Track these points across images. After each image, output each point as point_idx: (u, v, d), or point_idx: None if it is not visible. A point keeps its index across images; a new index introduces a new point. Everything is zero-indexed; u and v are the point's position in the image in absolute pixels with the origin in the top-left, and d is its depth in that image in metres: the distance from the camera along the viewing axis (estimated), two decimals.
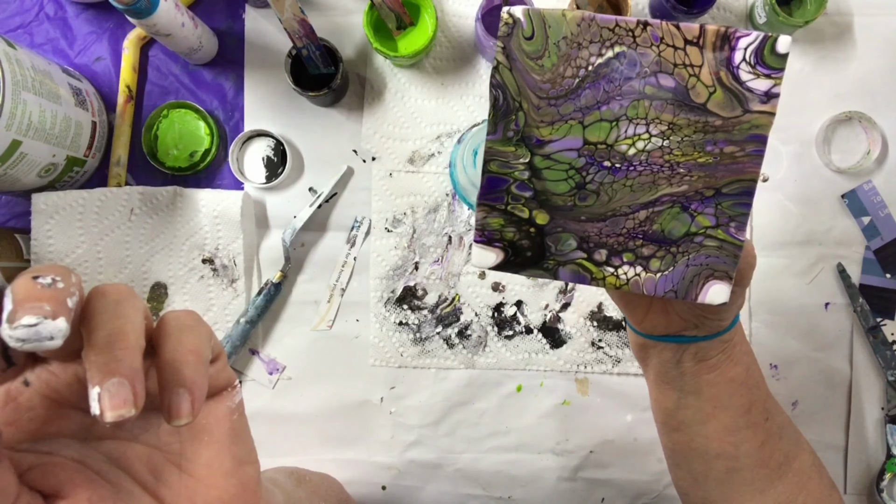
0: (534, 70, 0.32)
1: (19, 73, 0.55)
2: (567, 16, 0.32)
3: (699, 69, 0.31)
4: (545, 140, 0.33)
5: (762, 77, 0.31)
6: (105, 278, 0.66)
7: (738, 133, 0.32)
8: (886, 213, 0.67)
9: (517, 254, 0.35)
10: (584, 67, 0.32)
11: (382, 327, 0.68)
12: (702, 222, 0.33)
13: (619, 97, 0.32)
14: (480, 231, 0.35)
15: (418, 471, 0.69)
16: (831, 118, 0.67)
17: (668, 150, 0.33)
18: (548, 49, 0.32)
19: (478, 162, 0.61)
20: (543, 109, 0.33)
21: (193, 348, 0.24)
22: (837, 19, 0.69)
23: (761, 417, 0.44)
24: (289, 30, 0.60)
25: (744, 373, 0.43)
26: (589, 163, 0.33)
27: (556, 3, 0.68)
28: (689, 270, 0.34)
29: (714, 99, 0.32)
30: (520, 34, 0.32)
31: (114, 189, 0.66)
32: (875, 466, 0.67)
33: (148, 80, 0.70)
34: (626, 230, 0.34)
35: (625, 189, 0.33)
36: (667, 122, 0.32)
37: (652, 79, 0.32)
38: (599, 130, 0.33)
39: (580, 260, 0.35)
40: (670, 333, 0.42)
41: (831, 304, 0.68)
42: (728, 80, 0.31)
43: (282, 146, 0.68)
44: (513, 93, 0.33)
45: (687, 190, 0.33)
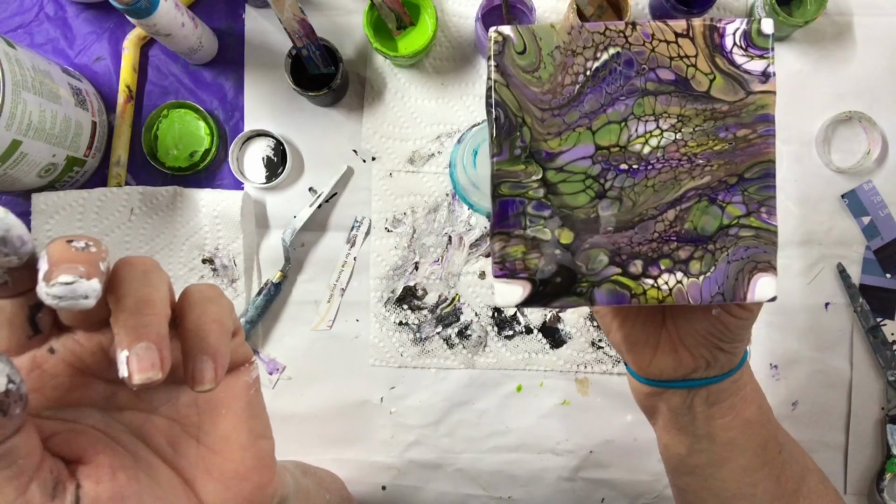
0: (531, 83, 0.32)
1: (19, 73, 0.55)
2: (556, 27, 0.31)
3: (695, 59, 0.31)
4: (555, 152, 0.32)
5: (756, 58, 0.31)
6: None
7: (747, 115, 0.32)
8: (886, 212, 0.67)
9: (546, 282, 0.32)
10: (582, 73, 0.32)
11: (382, 327, 0.68)
12: (733, 212, 0.32)
13: (622, 97, 0.32)
14: (501, 264, 0.32)
15: (418, 471, 0.69)
16: (831, 118, 0.67)
17: (682, 143, 0.32)
18: (542, 60, 0.31)
19: (479, 166, 0.61)
20: (548, 121, 0.32)
21: (217, 318, 0.25)
22: (837, 19, 0.69)
23: (775, 451, 0.42)
24: (289, 30, 0.60)
25: (757, 412, 0.41)
26: (605, 168, 0.32)
27: (556, 4, 0.68)
28: (731, 267, 0.32)
29: (716, 85, 0.32)
30: (511, 50, 0.31)
31: (114, 189, 0.66)
32: (875, 466, 0.67)
33: (148, 80, 0.70)
34: (657, 234, 0.32)
35: (648, 190, 0.32)
36: (675, 114, 0.32)
37: (651, 74, 0.31)
38: (610, 133, 0.32)
39: (615, 277, 0.32)
40: (679, 377, 0.40)
41: (831, 304, 0.68)
42: (725, 65, 0.31)
43: (282, 146, 0.68)
44: (513, 109, 0.32)
45: (710, 181, 0.32)
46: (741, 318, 0.36)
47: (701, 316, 0.37)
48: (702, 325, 0.38)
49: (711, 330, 0.37)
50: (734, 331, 0.37)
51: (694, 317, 0.38)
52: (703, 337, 0.38)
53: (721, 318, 0.37)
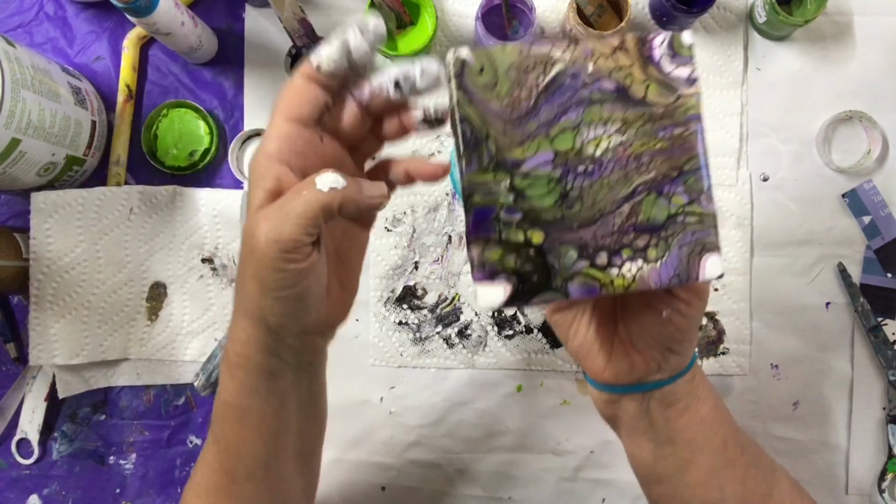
0: (491, 99, 0.34)
1: (19, 72, 0.55)
2: (508, 48, 0.35)
3: (631, 69, 0.35)
4: (520, 160, 0.35)
5: (681, 66, 0.36)
6: (104, 277, 0.66)
7: (679, 116, 0.36)
8: (887, 212, 0.67)
9: (524, 281, 0.35)
10: (535, 87, 0.35)
11: (382, 327, 0.68)
12: (677, 202, 0.36)
13: (573, 107, 0.35)
14: (481, 268, 0.35)
15: (418, 471, 0.69)
16: (832, 117, 0.67)
17: (628, 144, 0.35)
18: (499, 78, 0.34)
19: None
20: (510, 133, 0.35)
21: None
22: (837, 19, 0.69)
23: (737, 452, 0.44)
24: (289, 29, 0.60)
25: (712, 410, 0.43)
26: (565, 171, 0.35)
27: (556, 3, 0.68)
28: (682, 251, 0.36)
29: (651, 91, 0.35)
30: (471, 71, 0.34)
31: (113, 188, 0.66)
32: (876, 466, 0.67)
33: (148, 80, 0.70)
34: (616, 226, 0.35)
35: (604, 188, 0.35)
36: (619, 119, 0.35)
37: (596, 85, 0.35)
38: (565, 140, 0.35)
39: (586, 269, 0.35)
40: (633, 381, 0.42)
41: (832, 304, 0.68)
42: (656, 73, 0.35)
43: None
44: (477, 124, 0.34)
45: (656, 175, 0.36)
46: (688, 317, 0.39)
47: (652, 318, 0.40)
48: (653, 328, 0.40)
49: (662, 331, 0.40)
50: (683, 330, 0.39)
51: (645, 320, 0.40)
52: (655, 339, 0.40)
53: (671, 319, 0.39)
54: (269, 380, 0.37)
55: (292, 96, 0.35)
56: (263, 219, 0.33)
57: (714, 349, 0.68)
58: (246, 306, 0.35)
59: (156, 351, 0.67)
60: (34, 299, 0.65)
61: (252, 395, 0.37)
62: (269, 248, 0.32)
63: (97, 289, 0.66)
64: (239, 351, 0.37)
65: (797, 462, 0.67)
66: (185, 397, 0.69)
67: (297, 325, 0.36)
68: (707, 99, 0.69)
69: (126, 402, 0.69)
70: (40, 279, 0.64)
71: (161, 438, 0.69)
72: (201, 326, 0.67)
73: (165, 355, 0.67)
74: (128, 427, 0.69)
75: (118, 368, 0.68)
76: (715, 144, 0.68)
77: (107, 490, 0.69)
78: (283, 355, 0.37)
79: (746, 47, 0.69)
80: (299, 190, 0.33)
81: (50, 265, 0.64)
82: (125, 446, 0.69)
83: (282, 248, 0.32)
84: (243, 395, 0.37)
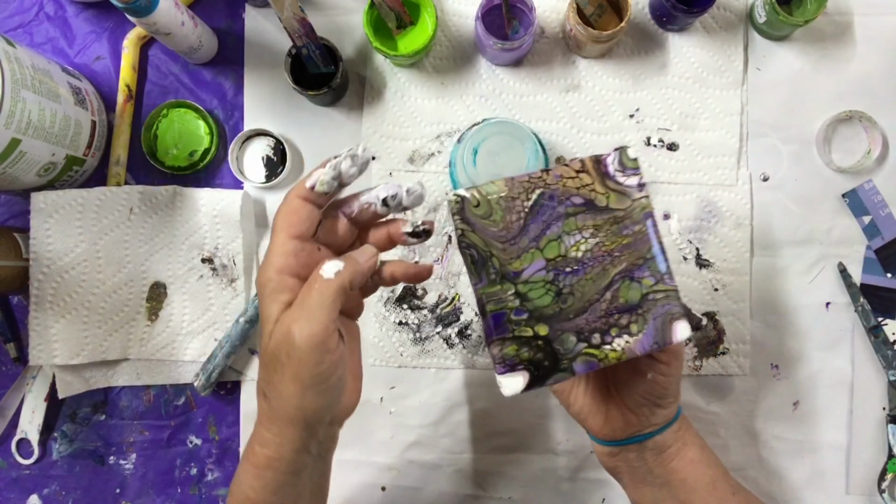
0: (489, 225, 0.42)
1: (19, 72, 0.55)
2: (496, 183, 0.42)
3: (593, 185, 0.43)
4: (519, 270, 0.42)
5: (631, 176, 0.44)
6: (104, 277, 0.66)
7: (636, 215, 0.44)
8: (887, 212, 0.67)
9: (538, 367, 0.42)
10: (522, 211, 0.42)
11: (382, 327, 0.68)
12: (647, 283, 0.43)
13: (554, 222, 0.42)
14: (502, 362, 0.41)
15: (418, 471, 0.68)
16: (832, 117, 0.67)
17: (602, 244, 0.43)
18: (493, 208, 0.42)
19: (479, 165, 0.61)
20: (508, 249, 0.42)
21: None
22: (837, 19, 0.69)
23: (728, 492, 0.50)
24: (288, 29, 0.60)
25: (699, 452, 0.49)
26: (556, 274, 0.42)
27: (556, 3, 0.68)
28: (657, 322, 0.43)
29: (611, 200, 0.43)
30: (469, 206, 0.41)
31: (113, 188, 0.66)
32: (876, 466, 0.67)
33: (148, 80, 0.70)
34: (603, 311, 0.43)
35: (589, 282, 0.43)
36: (591, 225, 0.43)
37: (568, 202, 0.43)
38: (552, 249, 0.42)
39: (585, 350, 0.42)
40: (629, 435, 0.48)
41: (832, 304, 0.68)
42: (612, 185, 0.43)
43: (281, 145, 0.68)
44: (481, 247, 0.41)
45: (627, 266, 0.43)
46: (668, 375, 0.45)
47: (639, 381, 0.46)
48: (641, 388, 0.46)
49: (649, 390, 0.46)
50: (666, 387, 0.46)
51: (634, 383, 0.47)
52: (643, 398, 0.47)
53: (655, 380, 0.46)
54: (295, 476, 0.41)
55: (291, 215, 0.40)
56: (292, 322, 0.37)
57: (714, 349, 0.68)
58: (283, 410, 0.39)
59: (156, 351, 0.67)
60: (34, 299, 0.65)
61: (277, 492, 0.41)
62: (306, 344, 0.36)
63: (97, 289, 0.66)
64: (271, 454, 0.40)
65: (797, 462, 0.67)
66: (185, 397, 0.69)
67: (329, 415, 0.41)
68: (707, 99, 0.69)
69: (126, 402, 0.69)
70: (40, 279, 0.64)
71: (161, 438, 0.69)
72: (201, 326, 0.67)
73: (165, 355, 0.67)
74: (128, 427, 0.69)
75: (118, 368, 0.68)
76: (715, 144, 0.68)
77: (107, 490, 0.69)
78: (312, 449, 0.41)
79: (746, 47, 0.69)
80: (311, 285, 0.38)
81: (50, 265, 0.64)
82: (125, 446, 0.69)
83: (317, 342, 0.36)
84: (269, 494, 0.41)
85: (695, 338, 0.68)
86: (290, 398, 0.38)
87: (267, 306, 0.39)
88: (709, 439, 0.67)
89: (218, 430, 0.69)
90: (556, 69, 0.69)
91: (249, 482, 0.41)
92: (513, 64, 0.69)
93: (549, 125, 0.69)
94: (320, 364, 0.37)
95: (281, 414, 0.39)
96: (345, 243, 0.45)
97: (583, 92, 0.69)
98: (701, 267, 0.68)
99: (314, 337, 0.36)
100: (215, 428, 0.69)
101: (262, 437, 0.40)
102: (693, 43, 0.69)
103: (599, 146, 0.68)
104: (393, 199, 0.43)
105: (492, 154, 0.62)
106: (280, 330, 0.37)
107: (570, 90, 0.69)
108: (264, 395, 0.40)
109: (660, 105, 0.69)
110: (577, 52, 0.68)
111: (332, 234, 0.44)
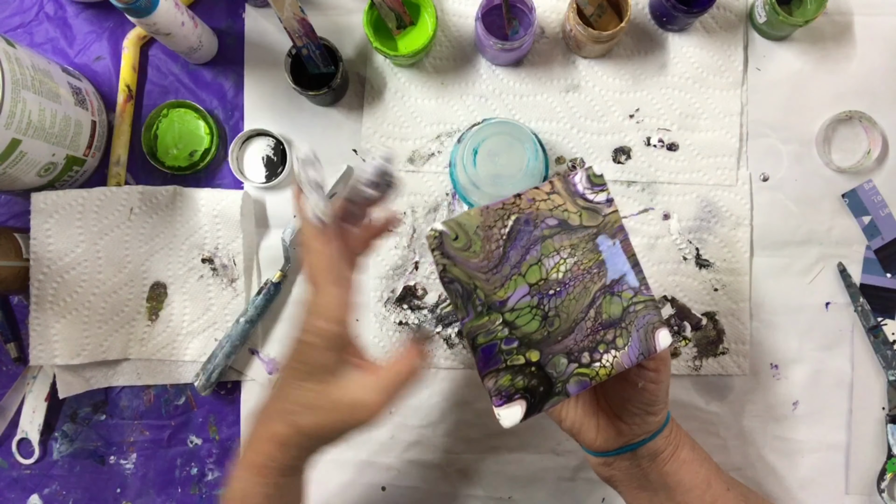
0: (470, 257, 0.41)
1: (19, 72, 0.55)
2: (471, 213, 0.42)
3: (565, 205, 0.44)
4: (505, 299, 0.42)
5: (599, 193, 0.45)
6: (104, 277, 0.66)
7: (609, 230, 0.44)
8: (887, 212, 0.67)
9: (533, 394, 0.42)
10: (500, 238, 0.42)
11: (382, 327, 0.68)
12: (626, 296, 0.44)
13: (532, 246, 0.43)
14: (498, 394, 0.41)
15: (418, 471, 0.69)
16: (831, 117, 0.67)
17: (580, 263, 0.43)
18: (471, 239, 0.41)
19: (479, 166, 0.61)
20: (491, 279, 0.42)
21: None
22: (837, 19, 0.69)
23: (723, 488, 0.51)
24: (289, 29, 0.60)
25: (691, 452, 0.50)
26: (541, 298, 0.42)
27: (556, 3, 0.68)
28: (640, 332, 0.44)
29: (584, 218, 0.44)
30: (448, 239, 0.41)
31: (113, 188, 0.66)
32: (876, 466, 0.67)
33: (148, 80, 0.70)
34: (589, 329, 0.43)
35: (572, 302, 0.43)
36: (568, 245, 0.43)
37: (544, 224, 0.43)
38: (534, 273, 0.43)
39: (576, 370, 0.43)
40: (622, 444, 0.49)
41: (832, 304, 0.68)
42: (583, 203, 0.44)
43: (281, 146, 0.68)
44: (465, 280, 0.41)
45: (606, 281, 0.44)
46: (658, 382, 0.46)
47: (629, 390, 0.47)
48: (632, 398, 0.47)
49: (640, 399, 0.47)
50: (656, 394, 0.46)
51: (624, 393, 0.47)
52: (635, 407, 0.47)
53: (646, 388, 0.46)
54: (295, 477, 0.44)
55: (329, 261, 0.42)
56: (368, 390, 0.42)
57: (714, 349, 0.68)
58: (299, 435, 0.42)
59: (156, 351, 0.67)
60: (34, 299, 0.65)
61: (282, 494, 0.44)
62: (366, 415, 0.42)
63: (97, 289, 0.66)
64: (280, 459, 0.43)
65: (797, 462, 0.68)
66: (186, 397, 0.69)
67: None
68: (707, 99, 0.69)
69: (126, 402, 0.69)
70: (40, 279, 0.64)
71: (161, 438, 0.69)
72: (201, 326, 0.67)
73: (166, 355, 0.67)
74: (128, 427, 0.69)
75: (118, 368, 0.68)
76: (715, 144, 0.68)
77: (107, 490, 0.69)
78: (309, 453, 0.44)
79: (746, 47, 0.69)
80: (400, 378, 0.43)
81: (50, 265, 0.65)
82: (125, 446, 0.69)
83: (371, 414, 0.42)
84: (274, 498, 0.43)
85: (695, 338, 0.68)
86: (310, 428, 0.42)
87: (321, 354, 0.42)
88: (709, 439, 0.68)
89: (218, 430, 0.69)
90: (556, 69, 0.69)
91: (252, 489, 0.43)
92: (513, 64, 0.69)
93: (549, 125, 0.69)
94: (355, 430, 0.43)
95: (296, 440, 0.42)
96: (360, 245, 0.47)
97: (583, 92, 0.69)
98: (701, 267, 0.68)
99: (370, 412, 0.42)
100: (216, 428, 0.69)
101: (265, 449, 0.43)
102: (693, 43, 0.69)
103: (599, 146, 0.68)
104: (382, 178, 0.43)
105: (492, 154, 0.62)
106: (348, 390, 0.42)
107: (570, 90, 0.69)
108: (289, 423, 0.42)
109: (660, 105, 0.69)
110: (577, 53, 0.68)
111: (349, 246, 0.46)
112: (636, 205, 0.68)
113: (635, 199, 0.68)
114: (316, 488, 0.67)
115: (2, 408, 0.68)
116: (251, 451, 0.43)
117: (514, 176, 0.62)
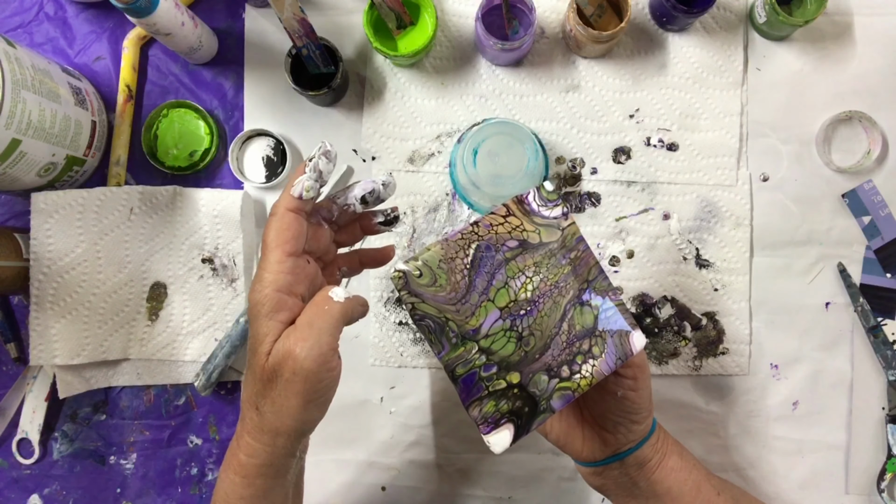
0: (438, 292, 0.42)
1: (19, 72, 0.55)
2: (432, 247, 0.42)
3: (522, 225, 0.44)
4: (477, 327, 0.42)
5: (553, 208, 0.45)
6: (104, 277, 0.66)
7: (569, 243, 0.45)
8: (887, 212, 0.67)
9: (519, 416, 0.42)
10: (465, 268, 0.43)
11: (382, 327, 0.68)
12: (596, 304, 0.45)
13: (497, 270, 0.43)
14: (484, 422, 0.42)
15: (418, 471, 0.69)
16: (831, 118, 0.67)
17: (546, 279, 0.44)
18: (436, 274, 0.42)
19: (479, 166, 0.61)
20: (461, 310, 0.42)
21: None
22: (837, 19, 0.69)
23: (713, 493, 0.51)
24: (289, 29, 0.60)
25: (679, 459, 0.51)
26: (513, 320, 0.43)
27: (556, 3, 0.68)
28: (614, 338, 0.45)
29: (543, 235, 0.45)
30: (412, 278, 0.41)
31: (113, 188, 0.66)
32: (876, 466, 0.67)
33: (148, 80, 0.70)
34: (564, 343, 0.44)
35: (544, 319, 0.44)
36: (531, 264, 0.44)
37: (505, 247, 0.44)
38: (502, 297, 0.43)
39: (558, 385, 0.43)
40: (609, 454, 0.49)
41: (832, 304, 0.68)
42: (540, 220, 0.45)
43: (282, 146, 0.68)
44: (435, 315, 0.42)
45: (574, 293, 0.45)
46: (638, 390, 0.46)
47: (610, 400, 0.47)
48: (614, 407, 0.47)
49: (621, 408, 0.47)
50: (638, 402, 0.47)
51: (605, 404, 0.48)
52: (617, 416, 0.48)
53: (625, 396, 0.46)
54: (283, 479, 0.43)
55: (285, 231, 0.41)
56: (298, 341, 0.38)
57: (714, 349, 0.68)
58: (279, 422, 0.40)
59: (156, 351, 0.67)
60: (34, 299, 0.65)
61: (267, 496, 0.42)
62: (313, 363, 0.38)
63: (97, 289, 0.66)
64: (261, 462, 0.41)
65: (797, 462, 0.68)
66: (186, 397, 0.69)
67: (317, 424, 0.42)
68: (707, 99, 0.69)
69: (126, 402, 0.69)
70: (41, 279, 0.64)
71: (161, 438, 0.69)
72: (201, 326, 0.67)
73: (166, 355, 0.67)
74: (128, 427, 0.69)
75: (118, 368, 0.68)
76: (715, 144, 0.68)
77: (107, 490, 0.69)
78: (297, 452, 0.43)
79: (746, 47, 0.69)
80: (319, 306, 0.39)
81: (50, 265, 0.65)
82: (126, 446, 0.69)
83: (323, 361, 0.38)
84: (259, 500, 0.42)
85: (695, 338, 0.68)
86: (290, 411, 0.39)
87: (262, 324, 0.39)
88: (708, 439, 0.68)
89: (218, 430, 0.69)
90: (556, 69, 0.69)
91: (238, 492, 0.42)
92: (513, 64, 0.69)
93: (549, 125, 0.69)
94: (323, 380, 0.39)
95: (276, 425, 0.40)
96: (328, 251, 0.47)
97: (583, 92, 0.69)
98: (701, 267, 0.68)
99: (322, 357, 0.38)
100: (216, 428, 0.69)
101: (251, 448, 0.41)
102: (693, 43, 0.69)
103: (599, 146, 0.68)
104: (371, 196, 0.45)
105: (492, 154, 0.62)
106: (283, 348, 0.38)
107: (570, 90, 0.69)
108: (256, 408, 0.40)
109: (660, 105, 0.69)
110: (577, 53, 0.68)
111: (316, 242, 0.45)
112: (636, 205, 0.68)
113: (635, 199, 0.68)
114: (316, 488, 0.68)
115: (2, 408, 0.68)
116: (230, 450, 0.43)
117: (514, 176, 0.62)
